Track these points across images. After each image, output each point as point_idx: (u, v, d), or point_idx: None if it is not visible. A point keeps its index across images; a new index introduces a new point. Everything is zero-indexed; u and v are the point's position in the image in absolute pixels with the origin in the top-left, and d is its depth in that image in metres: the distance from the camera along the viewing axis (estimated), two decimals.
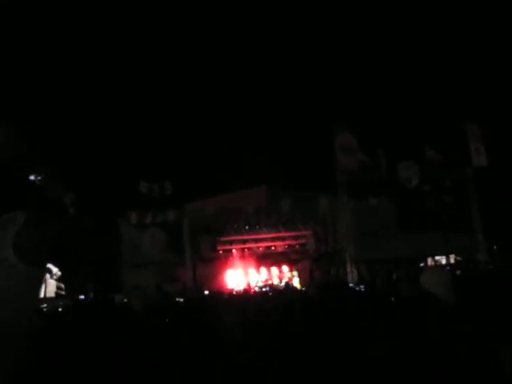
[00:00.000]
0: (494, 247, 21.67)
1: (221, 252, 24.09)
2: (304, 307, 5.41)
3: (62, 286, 21.05)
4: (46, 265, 2.04)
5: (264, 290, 19.88)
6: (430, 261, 21.60)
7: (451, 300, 3.51)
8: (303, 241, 24.85)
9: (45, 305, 15.59)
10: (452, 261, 21.70)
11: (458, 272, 9.91)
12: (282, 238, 24.75)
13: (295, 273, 23.73)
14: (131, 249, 22.24)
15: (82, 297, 18.06)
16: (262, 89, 22.75)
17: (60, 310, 9.80)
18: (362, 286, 12.16)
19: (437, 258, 21.80)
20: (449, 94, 21.18)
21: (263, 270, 24.02)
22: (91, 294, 17.86)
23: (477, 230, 21.80)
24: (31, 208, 2.03)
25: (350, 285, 14.03)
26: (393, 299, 4.99)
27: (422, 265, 20.94)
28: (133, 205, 22.29)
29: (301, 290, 13.68)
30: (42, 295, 17.19)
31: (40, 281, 2.02)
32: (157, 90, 21.99)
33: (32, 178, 2.18)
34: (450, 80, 21.25)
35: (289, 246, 24.86)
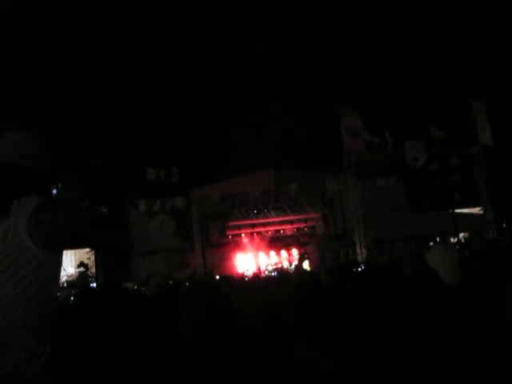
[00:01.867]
0: (504, 225, 21.63)
1: (230, 237, 24.13)
2: (319, 290, 5.41)
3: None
4: (60, 250, 2.06)
5: (274, 273, 19.98)
6: (439, 239, 21.55)
7: (456, 279, 3.50)
8: (312, 223, 24.84)
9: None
10: (461, 239, 21.65)
11: (466, 251, 9.87)
12: (291, 222, 24.74)
13: (304, 255, 23.73)
14: (140, 237, 22.33)
15: (93, 285, 18.25)
16: (267, 71, 22.61)
17: (72, 298, 9.85)
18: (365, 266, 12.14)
19: (446, 236, 21.74)
20: (454, 72, 21.00)
21: (273, 253, 24.06)
22: (102, 282, 18.02)
23: (485, 207, 21.73)
24: (44, 194, 2.05)
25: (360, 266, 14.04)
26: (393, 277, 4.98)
27: (431, 244, 20.92)
28: (141, 192, 22.35)
29: (312, 273, 13.67)
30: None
31: (55, 265, 2.05)
32: (161, 77, 21.93)
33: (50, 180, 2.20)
34: (456, 57, 21.07)
35: (297, 228, 24.87)
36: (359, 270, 9.56)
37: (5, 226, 1.90)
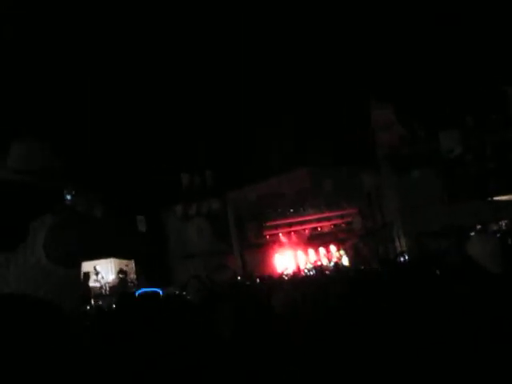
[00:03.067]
0: None
1: (267, 237, 24.14)
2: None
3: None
4: (78, 265, 2.09)
5: (313, 271, 19.95)
6: (479, 229, 21.20)
7: (498, 268, 3.43)
8: (349, 219, 24.70)
9: (100, 302, 15.97)
10: (503, 227, 21.27)
11: (509, 240, 9.67)
12: (328, 218, 24.63)
13: (343, 252, 23.60)
14: (178, 241, 22.55)
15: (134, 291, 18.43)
16: (297, 69, 22.57)
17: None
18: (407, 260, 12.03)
19: (486, 225, 21.38)
20: (487, 57, 20.66)
21: (311, 251, 23.99)
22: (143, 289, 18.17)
23: None
24: (58, 212, 2.08)
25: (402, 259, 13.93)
26: (437, 271, 4.92)
27: (471, 234, 20.59)
28: (176, 198, 22.54)
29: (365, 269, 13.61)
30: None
31: (74, 281, 2.08)
32: (191, 83, 22.05)
33: (63, 193, 2.23)
34: (488, 42, 20.71)
35: (335, 225, 24.75)
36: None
37: (24, 245, 1.95)
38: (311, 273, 19.90)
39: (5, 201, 2.04)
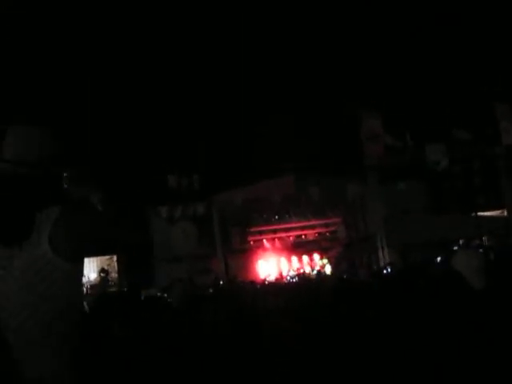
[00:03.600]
0: None
1: (251, 243, 24.14)
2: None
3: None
4: (82, 260, 2.09)
5: (295, 279, 19.95)
6: (462, 243, 21.34)
7: (482, 284, 3.47)
8: (333, 228, 24.77)
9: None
10: (485, 242, 21.41)
11: (491, 255, 9.74)
12: (313, 226, 24.69)
13: (325, 261, 23.64)
14: (162, 243, 22.46)
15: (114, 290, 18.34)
16: (286, 75, 22.63)
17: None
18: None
19: (470, 240, 21.52)
20: (476, 72, 20.83)
21: (294, 258, 24.00)
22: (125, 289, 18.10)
23: (509, 210, 21.48)
24: (63, 204, 2.06)
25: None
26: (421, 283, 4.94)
27: (455, 248, 20.72)
28: (162, 199, 22.46)
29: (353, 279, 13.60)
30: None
31: (80, 274, 2.08)
32: (181, 85, 22.03)
33: (61, 179, 2.20)
34: (477, 57, 20.90)
35: (319, 233, 24.80)
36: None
37: (29, 240, 1.93)
38: (294, 280, 19.90)
39: (6, 193, 2.02)
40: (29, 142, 2.14)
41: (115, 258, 22.28)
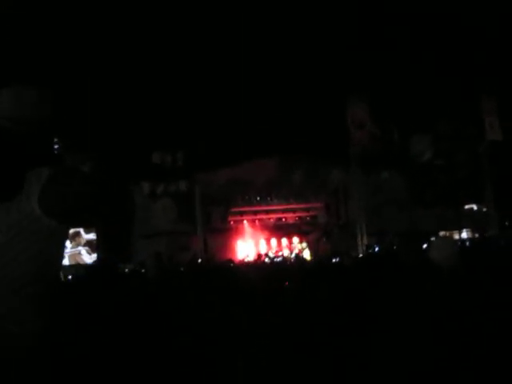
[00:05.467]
0: (506, 223, 21.59)
1: (232, 223, 24.18)
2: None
3: None
4: (68, 223, 2.09)
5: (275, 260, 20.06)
6: (442, 235, 21.57)
7: (456, 271, 3.52)
8: (314, 213, 24.87)
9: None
10: (465, 236, 21.65)
11: (467, 244, 9.89)
12: (294, 210, 24.77)
13: (304, 244, 23.75)
14: (143, 219, 22.43)
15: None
16: (275, 58, 22.54)
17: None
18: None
19: (449, 232, 21.74)
20: (463, 66, 20.89)
21: (274, 241, 24.10)
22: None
23: (489, 205, 21.73)
24: (55, 166, 2.06)
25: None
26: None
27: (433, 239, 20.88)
28: (145, 175, 22.39)
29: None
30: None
31: (65, 236, 2.09)
32: (168, 63, 21.87)
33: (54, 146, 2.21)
34: (464, 51, 20.95)
35: (300, 217, 24.90)
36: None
37: (18, 196, 1.93)
38: (273, 261, 20.01)
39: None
40: (23, 101, 2.14)
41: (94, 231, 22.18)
